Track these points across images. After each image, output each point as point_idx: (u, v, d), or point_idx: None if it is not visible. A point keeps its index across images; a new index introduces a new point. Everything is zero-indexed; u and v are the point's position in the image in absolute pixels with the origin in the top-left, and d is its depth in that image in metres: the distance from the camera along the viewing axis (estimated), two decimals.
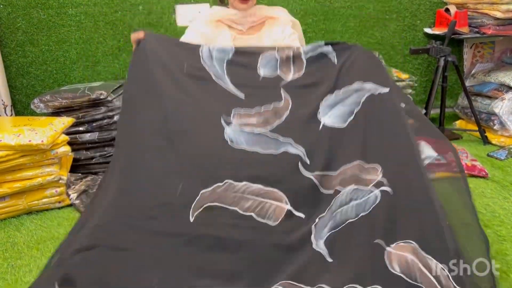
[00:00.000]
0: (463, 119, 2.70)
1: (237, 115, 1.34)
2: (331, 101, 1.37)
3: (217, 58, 1.44)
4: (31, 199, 1.76)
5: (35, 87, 2.49)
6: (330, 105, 1.37)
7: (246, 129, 1.31)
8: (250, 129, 1.31)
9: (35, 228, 1.66)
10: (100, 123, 2.14)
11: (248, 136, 1.30)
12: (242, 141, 1.29)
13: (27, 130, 1.73)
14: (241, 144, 1.28)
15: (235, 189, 1.18)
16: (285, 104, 1.37)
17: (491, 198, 1.72)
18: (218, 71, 1.42)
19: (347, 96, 1.37)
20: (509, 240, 1.41)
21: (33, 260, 1.43)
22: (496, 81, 2.42)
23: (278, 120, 1.34)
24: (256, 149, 1.27)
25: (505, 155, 2.15)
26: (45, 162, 1.76)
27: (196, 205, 1.15)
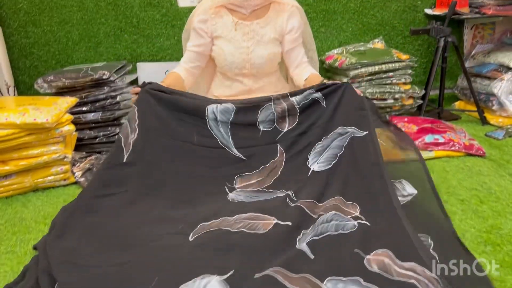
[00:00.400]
0: (462, 100, 2.72)
1: (239, 180, 1.53)
2: (319, 148, 1.56)
3: (221, 121, 1.59)
4: (37, 176, 1.80)
5: (38, 68, 2.51)
6: (319, 152, 1.56)
7: (247, 190, 1.50)
8: (250, 190, 1.50)
9: (42, 204, 1.70)
10: (103, 103, 2.17)
11: (247, 194, 1.48)
12: (242, 198, 1.46)
13: (32, 109, 1.76)
14: (241, 199, 1.45)
15: (229, 220, 1.31)
16: (280, 158, 1.57)
17: (488, 176, 1.75)
18: (224, 136, 1.58)
19: (332, 140, 1.56)
20: (503, 216, 1.45)
21: (41, 234, 1.47)
22: (495, 61, 2.43)
23: (274, 176, 1.53)
24: (253, 200, 1.45)
25: (502, 135, 2.18)
26: (50, 140, 1.80)
27: (196, 231, 1.27)
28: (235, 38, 1.83)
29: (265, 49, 1.84)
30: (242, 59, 1.85)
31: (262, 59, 1.86)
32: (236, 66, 1.87)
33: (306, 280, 1.04)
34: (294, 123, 1.62)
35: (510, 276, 1.15)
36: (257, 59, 1.85)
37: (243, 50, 1.84)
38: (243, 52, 1.84)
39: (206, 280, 1.03)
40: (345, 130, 1.56)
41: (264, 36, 1.84)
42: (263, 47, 1.84)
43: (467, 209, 1.50)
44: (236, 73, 1.90)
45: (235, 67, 1.87)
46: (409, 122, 2.18)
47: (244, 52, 1.84)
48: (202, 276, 1.04)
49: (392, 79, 2.36)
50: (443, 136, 2.01)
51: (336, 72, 2.46)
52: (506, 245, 1.28)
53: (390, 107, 2.40)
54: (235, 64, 1.86)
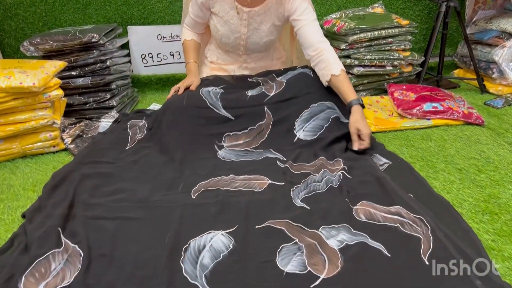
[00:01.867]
0: (461, 68, 2.67)
1: (228, 139, 1.65)
2: (306, 115, 1.68)
3: (213, 92, 1.72)
4: (25, 143, 1.74)
5: (24, 30, 2.41)
6: (306, 119, 1.67)
7: (235, 149, 1.62)
8: (238, 149, 1.62)
9: (31, 171, 1.66)
10: (92, 68, 2.09)
11: (237, 153, 1.60)
12: (232, 156, 1.58)
13: (18, 72, 1.69)
14: (231, 158, 1.57)
15: (226, 179, 1.42)
16: (267, 121, 1.68)
17: (486, 144, 1.72)
18: (212, 99, 1.70)
19: (320, 111, 1.69)
20: (501, 185, 1.43)
21: (29, 201, 1.44)
22: (497, 28, 2.37)
23: (261, 138, 1.65)
24: (242, 159, 1.57)
25: (502, 104, 2.14)
26: (37, 105, 1.73)
27: (196, 189, 1.37)
28: (231, 21, 1.78)
29: (261, 37, 1.81)
30: (237, 43, 1.84)
31: (258, 46, 1.85)
32: (231, 47, 1.87)
33: (302, 229, 1.16)
34: (281, 88, 1.73)
35: (507, 246, 1.13)
36: (252, 45, 1.85)
37: (238, 35, 1.81)
38: (238, 37, 1.82)
39: (212, 235, 1.14)
40: (333, 106, 1.70)
41: (262, 24, 1.79)
42: (259, 35, 1.81)
43: (465, 178, 1.48)
44: (230, 51, 1.90)
45: (229, 47, 1.87)
46: (407, 90, 2.13)
47: (239, 37, 1.82)
48: (208, 232, 1.15)
49: (391, 45, 2.29)
50: (442, 104, 1.97)
51: (335, 38, 2.38)
52: (504, 215, 1.27)
53: (389, 74, 2.34)
54: (229, 45, 1.86)
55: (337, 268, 1.02)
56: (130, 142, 1.72)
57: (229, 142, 1.65)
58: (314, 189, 1.36)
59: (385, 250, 1.07)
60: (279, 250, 1.08)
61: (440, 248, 1.06)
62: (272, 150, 1.60)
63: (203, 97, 1.70)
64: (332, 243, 1.10)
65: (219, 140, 1.65)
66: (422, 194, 1.33)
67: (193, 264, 1.05)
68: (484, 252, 1.08)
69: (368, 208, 1.24)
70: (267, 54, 1.94)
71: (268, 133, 1.65)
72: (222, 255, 1.08)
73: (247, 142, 1.65)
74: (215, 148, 1.62)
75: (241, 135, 1.65)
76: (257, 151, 1.61)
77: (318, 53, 1.72)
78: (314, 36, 1.73)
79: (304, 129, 1.66)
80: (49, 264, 1.06)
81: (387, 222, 1.18)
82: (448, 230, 1.13)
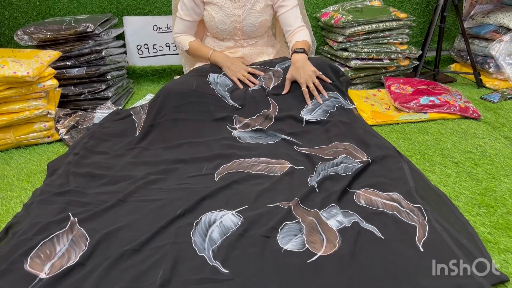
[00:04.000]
0: (458, 62, 2.67)
1: (238, 120, 1.68)
2: (312, 105, 1.71)
3: (220, 84, 1.76)
4: (19, 133, 1.72)
5: (18, 19, 2.38)
6: (311, 109, 1.70)
7: (247, 130, 1.64)
8: (250, 129, 1.64)
9: (25, 161, 1.64)
10: (87, 58, 2.07)
11: (250, 134, 1.63)
12: (247, 137, 1.61)
13: (12, 61, 1.66)
14: (246, 140, 1.59)
15: (248, 162, 1.45)
16: (273, 109, 1.71)
17: (482, 138, 1.73)
18: (220, 91, 1.73)
19: (324, 100, 1.72)
20: (497, 178, 1.43)
21: (24, 192, 1.42)
22: (495, 22, 2.36)
23: (269, 123, 1.67)
24: (258, 141, 1.59)
25: (498, 98, 2.15)
26: (32, 95, 1.71)
27: (219, 172, 1.41)
28: (225, 5, 1.81)
29: (257, 17, 1.83)
30: (233, 27, 1.85)
31: (254, 27, 1.87)
32: (228, 34, 1.88)
33: (306, 210, 1.20)
34: (279, 80, 1.75)
35: (503, 238, 1.14)
36: (248, 27, 1.85)
37: (234, 18, 1.82)
38: (234, 20, 1.83)
39: (222, 213, 1.18)
40: (337, 95, 1.75)
41: (256, 4, 1.82)
42: (254, 16, 1.83)
43: (462, 172, 1.48)
44: (227, 38, 1.91)
45: (226, 34, 1.88)
46: (404, 84, 2.12)
47: (235, 20, 1.83)
48: (219, 210, 1.20)
49: (389, 38, 2.29)
50: (438, 98, 1.97)
51: (332, 30, 2.37)
52: (500, 207, 1.27)
53: (386, 68, 2.34)
54: (226, 32, 1.87)
55: (334, 247, 1.05)
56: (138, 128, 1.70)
57: (240, 122, 1.67)
58: (332, 172, 1.38)
59: (379, 232, 1.11)
60: (281, 228, 1.12)
61: (435, 237, 1.08)
62: (283, 135, 1.61)
63: (211, 86, 1.72)
64: (331, 223, 1.14)
65: (231, 123, 1.67)
66: (420, 186, 1.33)
67: (202, 237, 1.10)
68: (481, 244, 1.08)
69: (370, 195, 1.27)
70: (263, 38, 1.95)
71: (274, 116, 1.68)
72: (231, 231, 1.12)
73: (256, 125, 1.66)
74: (229, 129, 1.64)
75: (249, 121, 1.67)
76: (269, 133, 1.62)
77: (294, 33, 1.89)
78: (295, 22, 1.89)
79: (311, 115, 1.69)
80: (53, 246, 1.08)
81: (385, 209, 1.20)
82: (445, 222, 1.14)
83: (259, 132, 1.63)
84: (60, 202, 1.25)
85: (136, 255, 1.04)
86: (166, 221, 1.14)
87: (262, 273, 0.99)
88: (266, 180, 1.36)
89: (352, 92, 2.17)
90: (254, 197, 1.26)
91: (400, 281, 0.96)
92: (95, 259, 1.03)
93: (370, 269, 0.99)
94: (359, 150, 1.51)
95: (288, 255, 1.04)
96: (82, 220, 1.16)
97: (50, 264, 1.02)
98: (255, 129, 1.64)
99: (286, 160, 1.46)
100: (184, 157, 1.50)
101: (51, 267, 1.01)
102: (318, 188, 1.30)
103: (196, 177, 1.39)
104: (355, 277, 0.97)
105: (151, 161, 1.49)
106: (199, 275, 0.98)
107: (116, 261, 1.01)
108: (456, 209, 1.23)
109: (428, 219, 1.14)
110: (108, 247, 1.07)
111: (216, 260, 1.02)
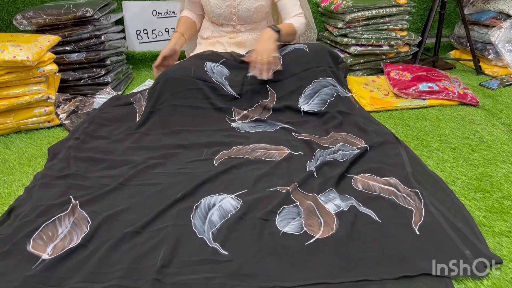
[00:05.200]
0: (457, 49, 2.66)
1: (237, 112, 1.68)
2: (309, 91, 1.72)
3: (216, 72, 1.74)
4: (20, 118, 1.73)
5: (17, 4, 2.36)
6: (310, 95, 1.72)
7: (246, 121, 1.66)
8: (249, 120, 1.66)
9: (25, 146, 1.65)
10: (87, 43, 2.07)
11: (249, 124, 1.64)
12: (246, 127, 1.62)
13: (11, 46, 1.66)
14: (245, 129, 1.61)
15: (247, 148, 1.47)
16: (271, 98, 1.72)
17: (480, 124, 1.74)
18: (218, 79, 1.72)
19: (323, 86, 1.73)
20: (494, 164, 1.45)
21: (25, 175, 1.44)
22: (495, 9, 2.36)
23: (268, 113, 1.68)
24: (257, 130, 1.61)
25: (497, 85, 2.15)
26: (31, 80, 1.71)
27: (219, 157, 1.42)
28: None
29: (252, 2, 1.81)
30: (229, 12, 1.84)
31: (249, 12, 1.84)
32: (224, 18, 1.87)
33: (304, 194, 1.22)
34: (278, 66, 1.72)
35: (497, 222, 1.15)
36: (244, 12, 1.83)
37: (229, 3, 1.82)
38: (229, 5, 1.82)
39: (222, 197, 1.20)
40: (335, 83, 1.75)
41: None
42: (249, 1, 1.81)
43: (459, 157, 1.49)
44: (224, 23, 1.89)
45: (222, 19, 1.87)
46: (403, 70, 2.13)
47: (230, 5, 1.82)
48: (219, 194, 1.22)
49: (388, 24, 2.28)
50: (437, 84, 1.98)
51: (332, 16, 2.36)
52: (496, 192, 1.29)
53: (385, 54, 2.34)
54: (222, 16, 1.85)
55: (332, 230, 1.08)
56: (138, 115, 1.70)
57: (239, 114, 1.68)
58: (329, 160, 1.40)
59: (375, 216, 1.13)
60: (279, 211, 1.15)
61: (431, 221, 1.11)
62: (283, 124, 1.62)
63: (208, 74, 1.71)
64: (329, 207, 1.16)
65: (230, 115, 1.68)
66: (417, 172, 1.34)
67: (202, 220, 1.12)
68: (476, 228, 1.10)
69: (367, 180, 1.29)
70: (260, 25, 1.93)
71: (272, 106, 1.69)
72: (230, 214, 1.14)
73: (256, 116, 1.68)
74: (227, 121, 1.65)
75: (247, 113, 1.68)
76: (269, 122, 1.64)
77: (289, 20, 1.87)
78: (293, 9, 1.86)
79: (309, 103, 1.70)
80: (55, 228, 1.10)
81: (382, 193, 1.23)
82: (441, 206, 1.16)
83: (258, 122, 1.65)
84: (61, 185, 1.26)
85: (137, 237, 1.06)
86: (166, 204, 1.16)
87: (261, 255, 1.01)
88: (265, 165, 1.37)
89: (352, 78, 2.17)
90: (253, 181, 1.28)
91: (396, 263, 0.98)
92: (97, 241, 1.05)
93: (367, 251, 1.01)
94: (356, 138, 1.53)
95: (286, 237, 1.06)
96: (83, 203, 1.18)
97: (53, 246, 1.04)
98: (254, 119, 1.66)
99: (284, 146, 1.48)
100: (184, 142, 1.51)
101: (53, 248, 1.03)
102: (316, 173, 1.32)
103: (196, 162, 1.40)
104: (351, 259, 0.99)
105: (151, 146, 1.50)
106: (199, 257, 1.00)
107: (117, 243, 1.03)
108: (453, 194, 1.25)
109: (425, 203, 1.17)
110: (110, 229, 1.09)
111: (216, 242, 1.04)
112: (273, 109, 1.69)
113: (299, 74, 1.74)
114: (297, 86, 1.73)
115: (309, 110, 1.68)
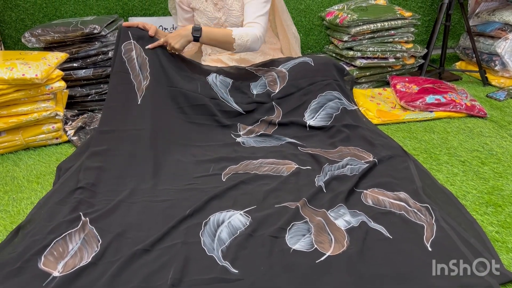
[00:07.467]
0: (463, 60, 2.66)
1: (242, 127, 1.69)
2: (315, 105, 1.72)
3: (220, 85, 1.73)
4: (28, 135, 1.74)
5: (25, 21, 2.39)
6: (315, 109, 1.71)
7: (251, 136, 1.66)
8: (254, 135, 1.66)
9: (34, 163, 1.65)
10: (94, 59, 2.08)
11: (255, 139, 1.64)
12: (251, 141, 1.62)
13: (20, 64, 1.68)
14: (251, 144, 1.61)
15: (254, 163, 1.47)
16: (277, 114, 1.72)
17: (489, 137, 1.73)
18: (223, 94, 1.72)
19: (328, 100, 1.73)
20: (504, 177, 1.44)
21: (34, 193, 1.44)
22: (500, 20, 2.36)
23: (273, 128, 1.69)
24: (263, 145, 1.60)
25: (504, 96, 2.14)
26: (40, 97, 1.73)
27: (226, 172, 1.42)
28: (207, 9, 1.84)
29: (237, 17, 1.82)
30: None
31: (238, 26, 1.82)
32: None
33: (314, 210, 1.22)
34: (284, 82, 1.74)
35: (511, 237, 1.14)
36: (233, 27, 1.81)
37: (216, 21, 1.84)
38: (217, 23, 1.84)
39: (230, 213, 1.20)
40: (340, 96, 1.74)
41: (233, 4, 1.81)
42: (234, 16, 1.82)
43: (468, 171, 1.48)
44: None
45: None
46: (410, 82, 2.13)
47: (217, 23, 1.84)
48: (227, 210, 1.21)
49: (394, 37, 2.29)
50: (444, 96, 1.97)
51: (337, 29, 2.37)
52: (508, 206, 1.27)
53: (391, 67, 2.34)
54: None
55: (343, 247, 1.07)
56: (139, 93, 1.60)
57: (244, 129, 1.69)
58: (338, 174, 1.39)
59: (387, 232, 1.12)
60: (289, 228, 1.14)
61: (443, 236, 1.10)
62: (289, 139, 1.62)
63: (213, 90, 1.71)
64: (339, 223, 1.16)
65: (235, 130, 1.68)
66: (427, 185, 1.33)
67: (211, 237, 1.12)
68: (489, 243, 1.09)
69: (377, 195, 1.29)
70: None
71: (278, 122, 1.69)
72: (239, 231, 1.13)
73: (261, 130, 1.68)
74: (233, 137, 1.65)
75: (253, 128, 1.69)
76: (275, 137, 1.64)
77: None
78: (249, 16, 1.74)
79: (315, 118, 1.70)
80: (66, 244, 1.10)
81: (392, 208, 1.22)
82: (452, 221, 1.15)
83: (264, 136, 1.66)
84: (71, 202, 1.26)
85: (147, 255, 1.05)
86: (175, 221, 1.16)
87: (272, 273, 1.00)
88: (273, 180, 1.37)
89: (358, 91, 2.17)
90: (262, 197, 1.28)
91: (408, 281, 0.97)
92: (107, 259, 1.05)
93: (379, 269, 1.00)
94: (364, 151, 1.52)
95: (296, 255, 1.06)
96: (93, 220, 1.18)
97: (64, 263, 1.04)
98: (259, 134, 1.66)
99: (292, 161, 1.47)
100: (191, 157, 1.51)
101: (64, 266, 1.03)
102: (325, 188, 1.32)
103: (203, 177, 1.40)
104: (363, 277, 0.98)
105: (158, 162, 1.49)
106: (209, 275, 1.00)
107: (127, 261, 1.03)
108: (464, 208, 1.24)
109: (436, 218, 1.15)
110: (119, 247, 1.09)
111: (226, 260, 1.04)
112: (279, 124, 1.69)
113: (304, 88, 1.74)
114: (302, 100, 1.73)
115: (315, 125, 1.67)
